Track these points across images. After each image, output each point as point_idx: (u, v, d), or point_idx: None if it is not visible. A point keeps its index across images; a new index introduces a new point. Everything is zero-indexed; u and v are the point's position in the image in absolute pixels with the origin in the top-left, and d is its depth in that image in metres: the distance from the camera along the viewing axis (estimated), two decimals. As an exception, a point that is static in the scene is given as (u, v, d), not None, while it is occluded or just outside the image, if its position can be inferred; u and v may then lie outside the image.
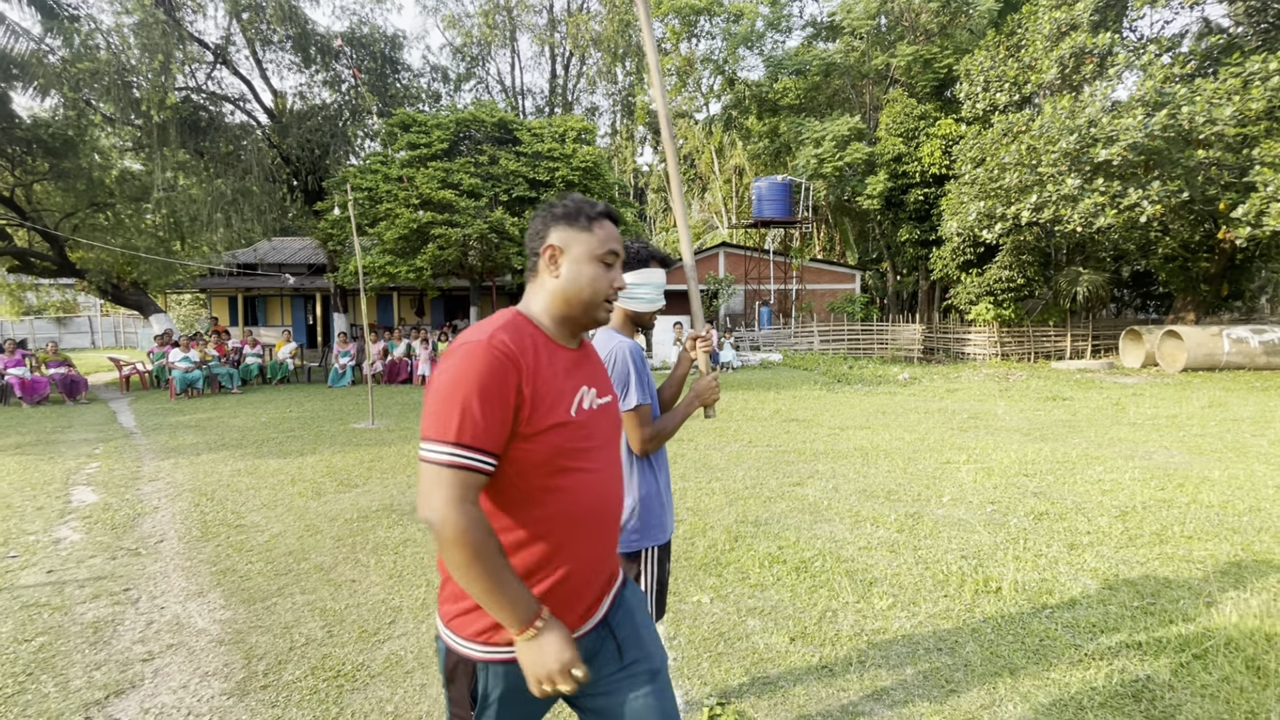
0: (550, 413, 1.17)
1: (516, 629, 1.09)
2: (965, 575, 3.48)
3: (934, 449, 6.63)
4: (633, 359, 1.89)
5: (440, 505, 1.05)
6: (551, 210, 1.31)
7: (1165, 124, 11.46)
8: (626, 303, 2.01)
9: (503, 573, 1.08)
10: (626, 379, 1.88)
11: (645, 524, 1.96)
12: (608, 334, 2.01)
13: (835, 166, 18.56)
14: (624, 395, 1.88)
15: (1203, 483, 5.21)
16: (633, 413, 1.88)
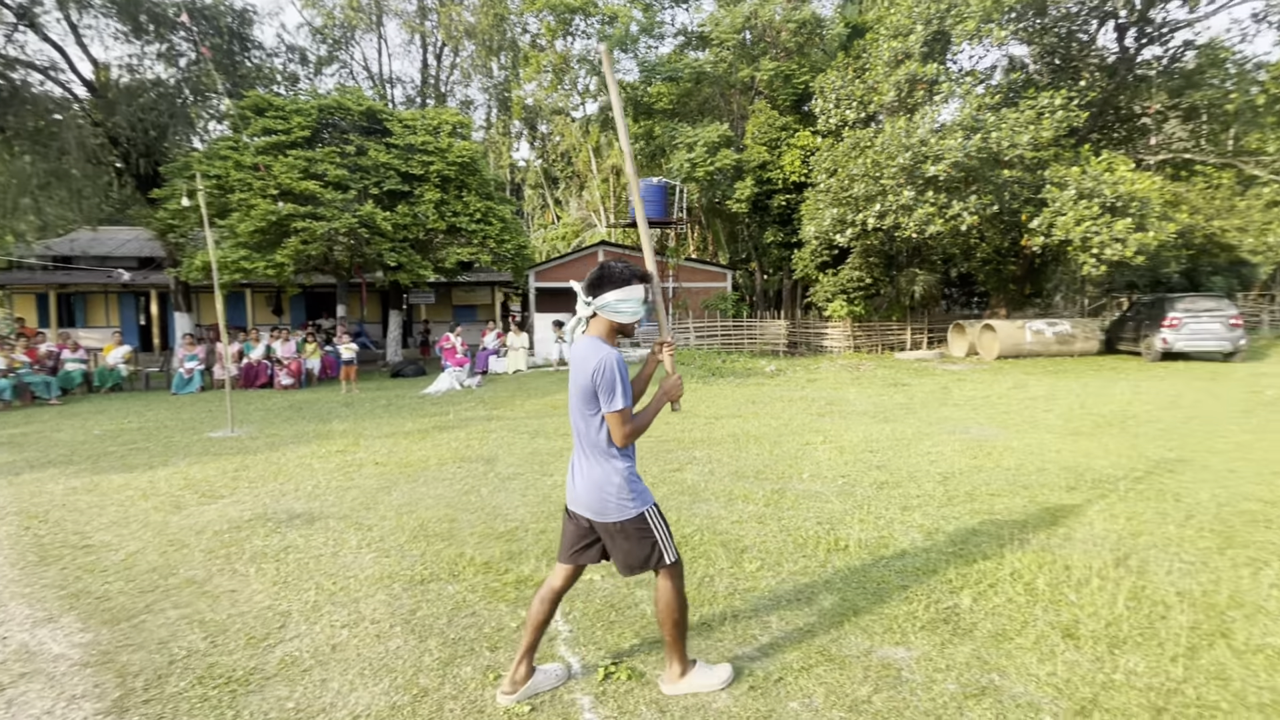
0: None
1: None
2: (820, 538, 4.01)
3: (796, 433, 7.34)
4: (619, 368, 2.19)
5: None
6: None
7: (979, 146, 13.31)
8: (613, 316, 2.29)
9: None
10: (613, 385, 2.17)
11: (637, 491, 2.32)
12: (594, 343, 2.27)
13: (707, 171, 19.53)
14: (611, 399, 2.19)
15: (1005, 450, 6.25)
16: (618, 414, 2.20)
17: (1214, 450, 6.11)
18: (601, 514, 2.31)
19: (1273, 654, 2.61)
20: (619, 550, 2.35)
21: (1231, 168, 15.84)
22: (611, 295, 2.27)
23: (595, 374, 2.18)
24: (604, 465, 2.30)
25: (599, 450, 2.30)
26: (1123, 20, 15.87)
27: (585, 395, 2.25)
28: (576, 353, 2.31)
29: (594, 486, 2.30)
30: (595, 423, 2.28)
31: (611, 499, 2.28)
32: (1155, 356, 14.88)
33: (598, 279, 2.30)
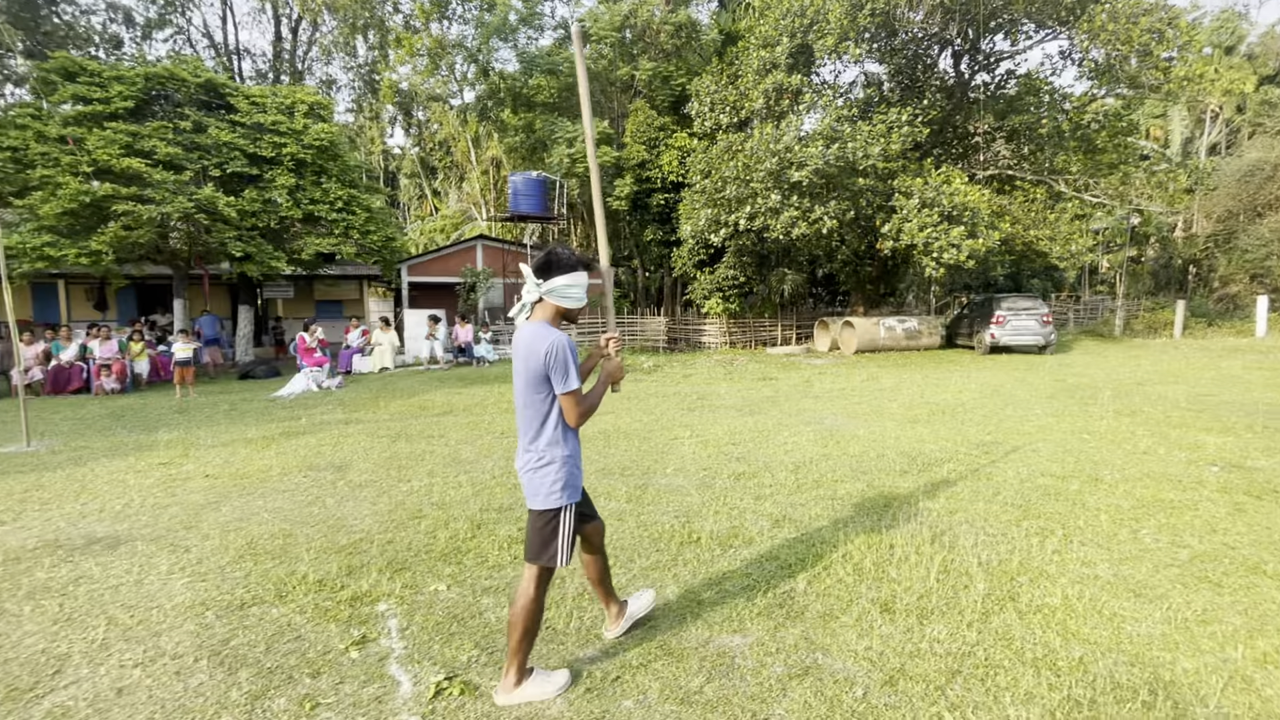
0: None
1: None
2: (675, 531, 4.08)
3: (665, 428, 7.49)
4: (570, 350, 2.28)
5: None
6: None
7: (838, 155, 14.28)
8: (560, 301, 2.36)
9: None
10: (566, 366, 2.26)
11: (569, 480, 2.37)
12: (543, 327, 2.32)
13: (587, 167, 19.47)
14: (564, 380, 2.26)
15: (851, 439, 6.73)
16: (571, 394, 2.29)
17: (1022, 432, 6.93)
18: (530, 496, 2.39)
19: (1048, 613, 2.96)
20: (528, 530, 2.44)
21: (1044, 184, 18.12)
22: (560, 280, 2.33)
23: (548, 355, 2.24)
24: (544, 451, 2.36)
25: (545, 435, 2.35)
26: (958, 48, 17.66)
27: (536, 379, 2.30)
28: (523, 337, 2.35)
29: (529, 470, 2.38)
30: (545, 406, 2.34)
31: (543, 486, 2.36)
32: (985, 350, 16.74)
33: (546, 264, 2.35)
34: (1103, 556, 3.60)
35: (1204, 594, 3.13)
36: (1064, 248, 16.56)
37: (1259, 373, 11.57)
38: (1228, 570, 3.39)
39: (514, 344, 2.42)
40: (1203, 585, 3.22)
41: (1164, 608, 3.00)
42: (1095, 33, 14.03)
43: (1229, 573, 3.36)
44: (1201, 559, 3.54)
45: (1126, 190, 18.11)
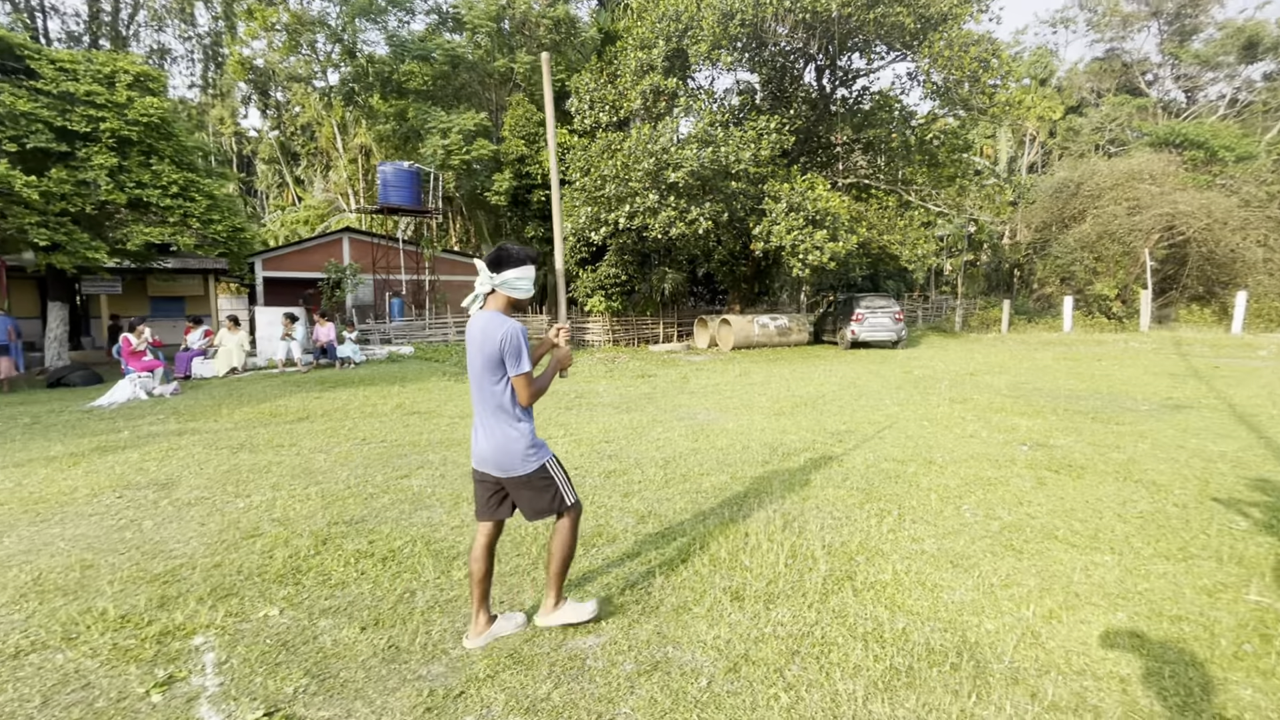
0: None
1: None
2: (538, 535, 4.00)
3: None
4: (522, 336, 2.53)
5: None
6: None
7: (711, 158, 14.78)
8: (511, 292, 2.59)
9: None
10: (519, 351, 2.51)
11: (537, 446, 2.66)
12: (497, 316, 2.55)
13: (463, 160, 18.81)
14: (518, 363, 2.51)
15: (720, 433, 6.96)
16: (523, 376, 2.53)
17: (872, 421, 7.51)
18: (508, 470, 2.62)
19: (880, 588, 3.20)
20: (524, 500, 2.69)
21: (895, 193, 19.83)
22: (510, 273, 2.57)
23: (503, 341, 2.48)
24: (509, 427, 2.60)
25: (505, 414, 2.59)
26: (820, 63, 18.87)
27: (491, 362, 2.53)
28: (478, 325, 2.57)
29: (500, 447, 2.60)
30: (500, 388, 2.57)
31: (517, 456, 2.60)
32: (847, 345, 18.05)
33: (499, 258, 2.58)
34: (930, 532, 3.95)
35: (1008, 561, 3.52)
36: (912, 251, 18.21)
37: (1065, 363, 13.34)
38: (1028, 538, 3.84)
39: (469, 332, 2.64)
40: (1007, 553, 3.62)
41: (975, 575, 3.33)
42: (935, 57, 15.51)
43: (1029, 540, 3.81)
44: (1009, 529, 3.99)
45: (963, 201, 20.22)
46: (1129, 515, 4.22)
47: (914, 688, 2.40)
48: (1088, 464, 5.43)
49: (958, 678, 2.46)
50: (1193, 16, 32.99)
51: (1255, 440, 6.30)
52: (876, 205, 19.05)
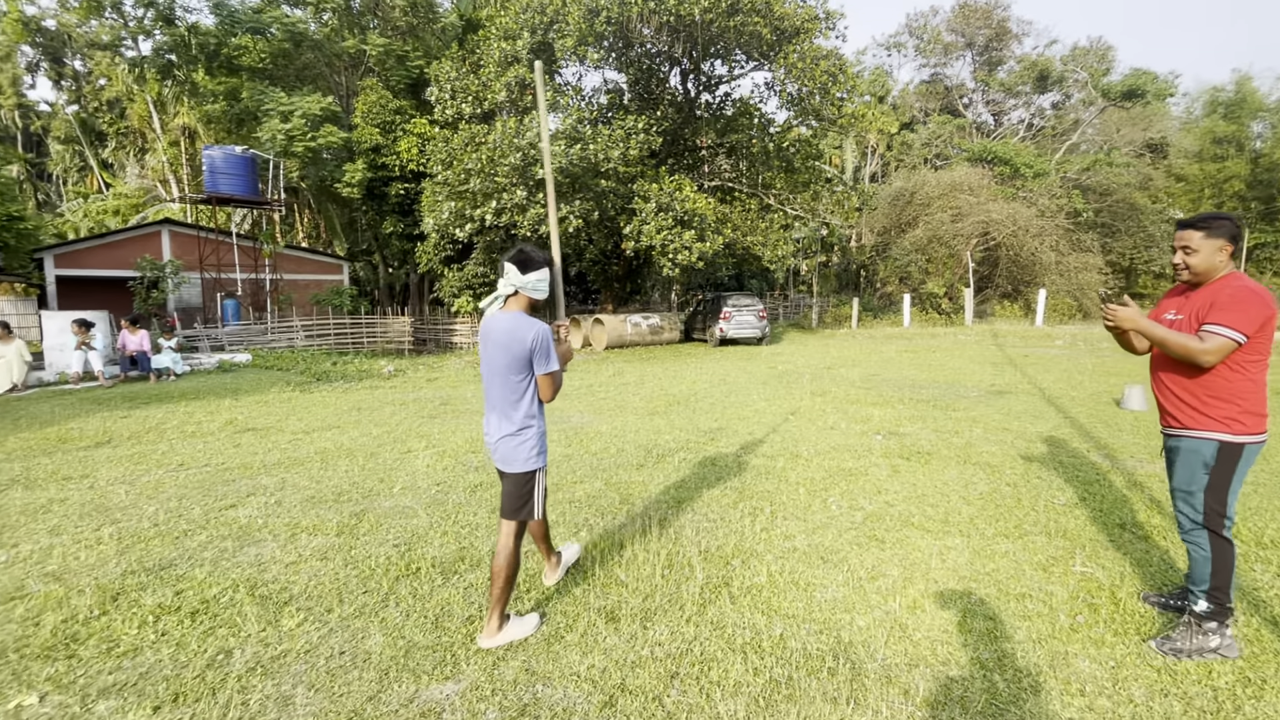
0: None
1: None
2: (391, 564, 3.55)
3: (399, 440, 6.74)
4: (550, 337, 2.65)
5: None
6: None
7: (580, 156, 14.56)
8: (532, 294, 2.69)
9: None
10: (549, 351, 2.63)
11: (543, 448, 2.77)
12: (522, 317, 2.65)
13: (308, 147, 17.11)
14: (547, 362, 2.64)
15: (594, 436, 6.76)
16: (550, 374, 2.67)
17: (742, 417, 7.67)
18: (509, 464, 2.74)
19: (756, 593, 3.13)
20: (506, 492, 2.79)
21: (756, 197, 20.79)
22: (533, 276, 2.68)
23: (534, 341, 2.60)
24: (523, 425, 2.72)
25: (523, 410, 2.71)
26: (686, 67, 19.30)
27: (519, 361, 2.63)
28: (501, 326, 2.66)
29: (508, 441, 2.71)
30: (524, 385, 2.68)
31: (523, 455, 2.73)
32: (716, 343, 18.62)
33: (527, 261, 2.68)
34: (800, 528, 3.99)
35: (873, 552, 3.62)
36: (773, 252, 19.15)
37: (907, 355, 14.63)
38: (889, 527, 4.00)
39: (487, 331, 2.71)
40: (872, 544, 3.73)
41: (844, 570, 3.38)
42: (790, 68, 16.39)
43: (890, 529, 3.96)
44: (871, 519, 4.13)
45: (816, 205, 21.63)
46: (972, 497, 4.54)
47: (794, 700, 2.32)
48: (933, 450, 5.85)
49: (835, 683, 2.42)
50: (998, 50, 37.80)
51: (1063, 420, 7.16)
52: (740, 208, 19.83)
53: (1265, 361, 2.49)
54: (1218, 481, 2.52)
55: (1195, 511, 2.58)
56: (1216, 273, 2.57)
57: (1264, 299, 2.44)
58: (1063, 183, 28.51)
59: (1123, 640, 2.68)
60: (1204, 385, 2.53)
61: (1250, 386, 2.49)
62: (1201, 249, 2.55)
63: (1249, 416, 2.49)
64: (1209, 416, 2.53)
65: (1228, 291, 2.48)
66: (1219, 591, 2.54)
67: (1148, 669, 2.48)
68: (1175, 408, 2.63)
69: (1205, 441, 2.54)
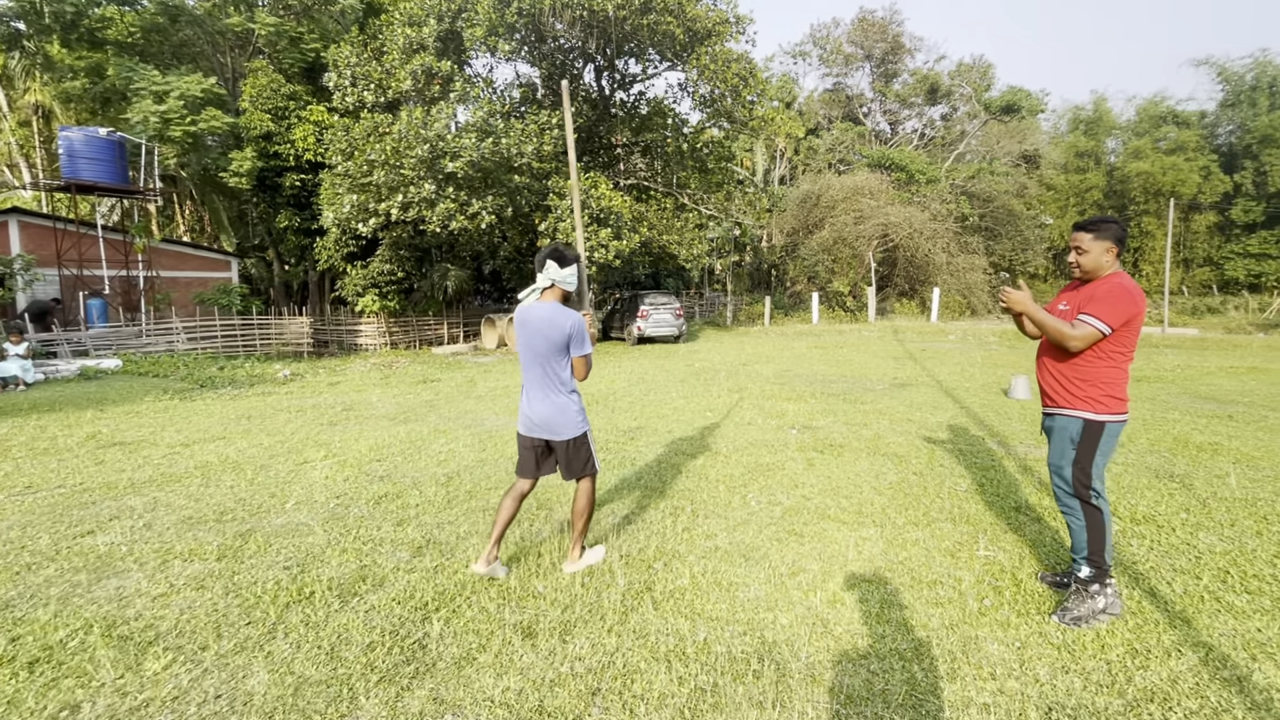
0: None
1: None
2: (280, 589, 3.20)
3: (294, 450, 6.22)
4: (584, 325, 3.07)
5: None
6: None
7: (492, 150, 14.11)
8: (567, 286, 3.10)
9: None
10: (584, 336, 3.07)
11: (584, 417, 3.20)
12: (559, 308, 3.04)
13: (186, 131, 15.61)
14: (583, 346, 3.07)
15: (511, 439, 6.49)
16: (585, 356, 3.11)
17: (661, 416, 7.64)
18: (559, 433, 3.12)
19: (679, 596, 3.05)
20: (565, 459, 3.17)
21: (672, 196, 20.97)
22: (568, 271, 3.04)
23: (573, 328, 2.99)
24: (566, 399, 3.11)
25: (564, 388, 3.10)
26: (600, 64, 19.16)
27: (557, 346, 3.02)
28: (541, 315, 3.02)
29: (556, 414, 3.10)
30: (562, 366, 3.07)
31: (570, 422, 3.11)
32: (634, 341, 18.62)
33: (563, 258, 3.05)
34: (721, 526, 3.96)
35: (793, 547, 3.63)
36: (688, 251, 19.38)
37: (817, 351, 15.19)
38: (807, 520, 4.04)
39: (525, 320, 3.06)
40: (791, 539, 3.74)
41: (766, 567, 3.36)
42: (702, 70, 16.60)
43: (808, 522, 4.00)
44: (790, 513, 4.16)
45: (729, 206, 22.10)
46: (883, 487, 4.69)
47: (720, 708, 2.25)
48: (845, 443, 6.02)
49: (760, 686, 2.36)
50: (894, 63, 40.13)
51: (959, 410, 7.60)
52: (656, 206, 19.94)
53: (1129, 353, 2.76)
54: (1083, 455, 2.80)
55: (1066, 483, 2.85)
56: (1103, 270, 2.82)
57: (1134, 298, 2.69)
58: (951, 189, 30.64)
59: (1025, 620, 2.79)
60: (1075, 369, 2.80)
61: (1115, 374, 2.76)
62: (1091, 249, 2.81)
63: (1111, 399, 2.76)
64: (1077, 397, 2.79)
65: (1105, 287, 2.75)
66: (1096, 555, 2.79)
67: (1049, 647, 2.59)
68: (1052, 389, 2.90)
69: (1073, 419, 2.82)
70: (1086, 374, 2.77)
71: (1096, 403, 2.76)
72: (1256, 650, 2.55)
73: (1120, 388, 2.77)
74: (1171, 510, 4.11)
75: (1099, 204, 33.84)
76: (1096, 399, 2.76)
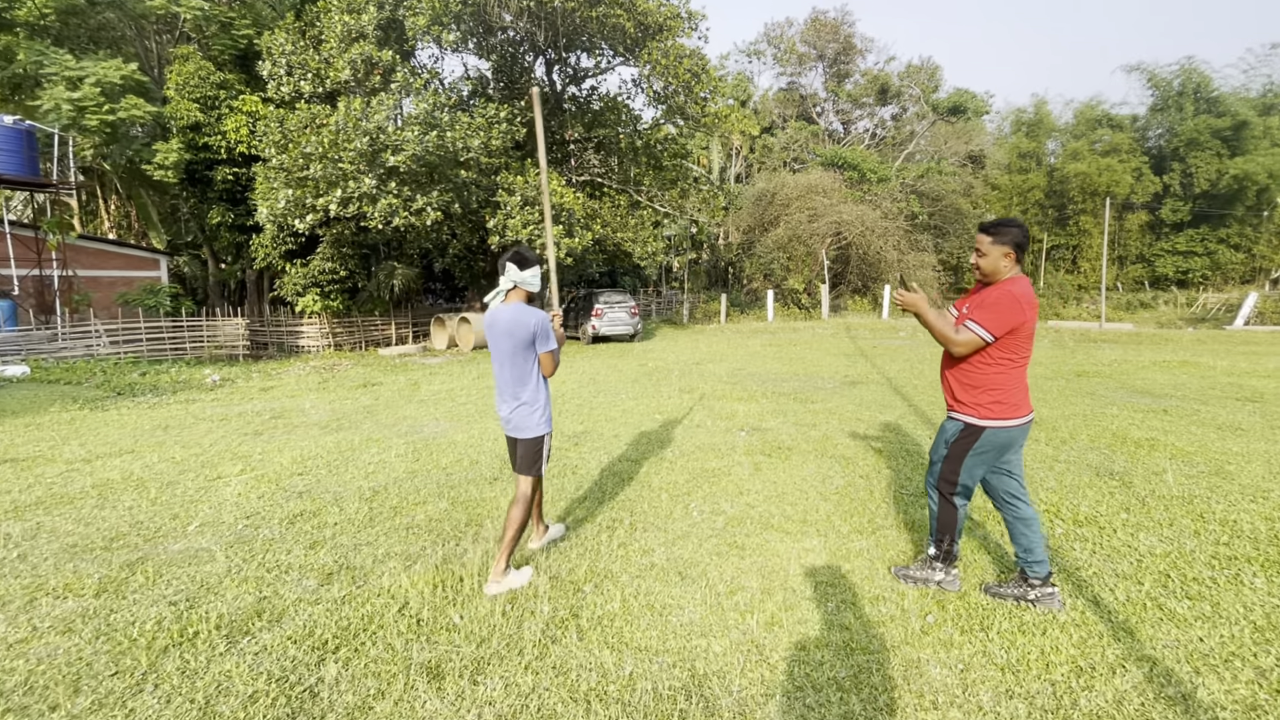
0: None
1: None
2: (160, 631, 2.84)
3: (208, 464, 5.75)
4: (548, 323, 3.16)
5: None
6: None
7: (436, 143, 13.60)
8: (528, 287, 3.17)
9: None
10: (549, 333, 3.15)
11: (547, 419, 3.25)
12: (523, 308, 3.11)
13: (104, 120, 14.60)
14: (548, 342, 3.15)
15: (448, 447, 6.17)
16: (552, 352, 3.18)
17: (609, 419, 7.39)
18: (522, 431, 3.22)
19: (607, 623, 2.82)
20: (518, 455, 3.27)
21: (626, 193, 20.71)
22: (528, 273, 3.14)
23: (536, 326, 3.08)
24: (530, 397, 3.20)
25: (530, 385, 3.19)
26: (550, 58, 18.76)
27: (523, 345, 3.12)
28: (506, 316, 3.11)
29: (521, 413, 3.19)
30: (529, 363, 3.17)
31: (533, 422, 3.20)
32: (588, 340, 18.32)
33: (523, 260, 3.14)
34: (660, 540, 3.74)
35: (733, 561, 3.44)
36: (644, 249, 19.16)
37: (771, 349, 15.18)
38: (749, 531, 3.86)
39: (493, 321, 3.15)
40: (732, 552, 3.55)
41: (703, 586, 3.16)
42: (654, 64, 16.39)
43: (750, 533, 3.82)
44: (732, 524, 3.98)
45: (684, 203, 21.97)
46: (829, 492, 4.55)
47: (641, 757, 2.02)
48: (794, 445, 5.90)
49: (687, 729, 2.15)
50: (845, 63, 40.73)
51: (908, 408, 7.58)
52: (610, 204, 19.65)
53: (1019, 359, 2.74)
54: (954, 455, 2.87)
55: (933, 475, 2.99)
56: (1001, 274, 2.79)
57: (1021, 307, 2.66)
58: (902, 188, 31.26)
59: (969, 638, 2.66)
60: (964, 373, 2.83)
61: (1004, 379, 2.75)
62: (989, 252, 2.78)
63: (998, 405, 2.75)
64: (963, 401, 2.84)
65: (995, 295, 2.72)
66: (944, 541, 2.98)
67: (993, 668, 2.46)
68: (946, 390, 2.97)
69: (954, 421, 2.89)
70: (975, 379, 2.79)
71: (983, 408, 2.77)
72: (1199, 663, 2.47)
73: (1011, 393, 2.75)
74: (1112, 510, 4.08)
75: (1040, 203, 35.03)
76: (984, 404, 2.77)
